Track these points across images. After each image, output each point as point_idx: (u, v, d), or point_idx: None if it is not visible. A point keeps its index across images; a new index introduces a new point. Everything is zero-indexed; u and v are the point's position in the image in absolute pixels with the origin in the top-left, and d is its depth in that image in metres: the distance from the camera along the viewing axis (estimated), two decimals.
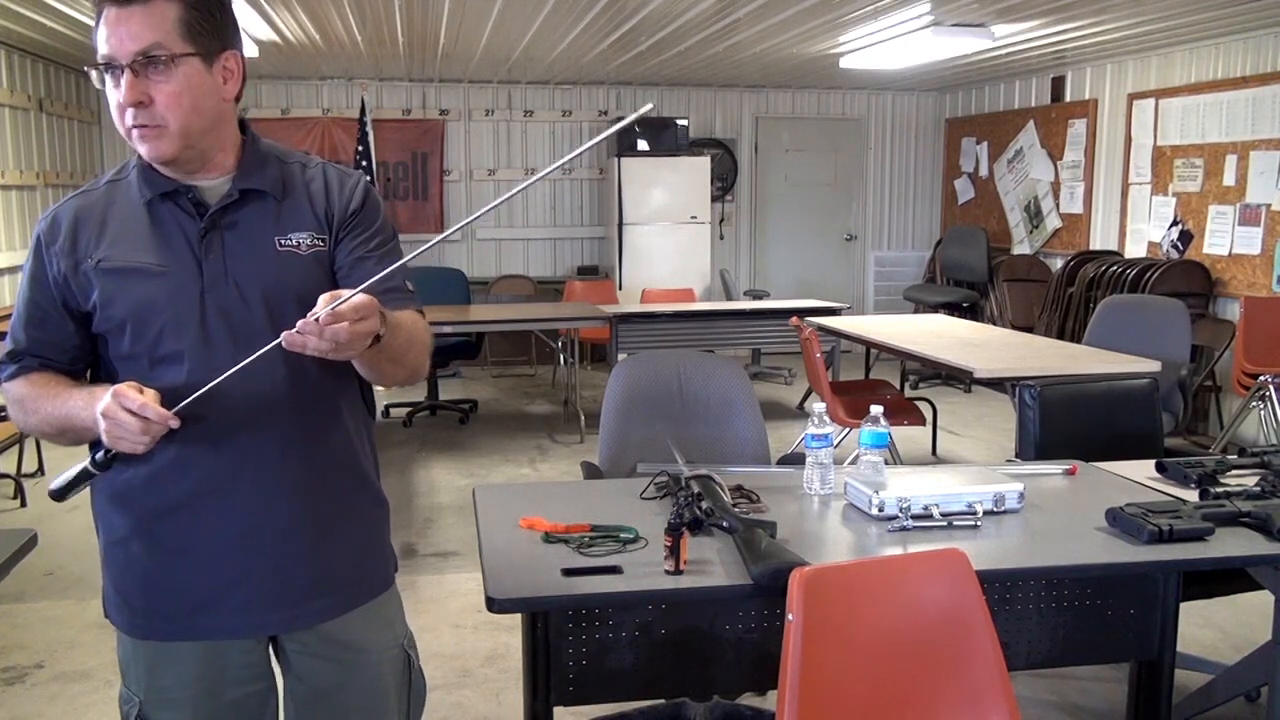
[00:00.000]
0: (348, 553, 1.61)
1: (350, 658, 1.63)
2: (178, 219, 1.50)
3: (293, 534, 1.54)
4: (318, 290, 1.49)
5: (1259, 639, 2.74)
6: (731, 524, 2.05)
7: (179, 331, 1.47)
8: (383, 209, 1.63)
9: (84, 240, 1.49)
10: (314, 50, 6.87)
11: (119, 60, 1.40)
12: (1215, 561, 2.11)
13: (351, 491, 1.62)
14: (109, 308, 1.47)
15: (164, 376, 1.46)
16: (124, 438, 1.35)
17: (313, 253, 1.54)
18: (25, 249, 6.53)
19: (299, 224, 1.54)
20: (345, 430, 1.60)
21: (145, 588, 1.54)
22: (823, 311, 6.54)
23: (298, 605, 1.56)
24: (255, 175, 1.53)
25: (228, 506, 1.50)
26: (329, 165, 1.63)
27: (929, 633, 1.79)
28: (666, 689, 2.21)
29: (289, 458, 1.52)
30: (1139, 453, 2.91)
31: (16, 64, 6.53)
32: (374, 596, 1.66)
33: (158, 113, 1.42)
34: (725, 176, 9.21)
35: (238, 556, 1.52)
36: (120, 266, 1.47)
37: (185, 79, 1.42)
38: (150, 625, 1.55)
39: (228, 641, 1.55)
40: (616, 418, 2.98)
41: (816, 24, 5.89)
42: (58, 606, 3.80)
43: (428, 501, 5.09)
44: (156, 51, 1.40)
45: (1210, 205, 6.37)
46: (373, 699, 1.66)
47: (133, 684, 1.59)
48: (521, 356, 8.76)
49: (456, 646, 3.42)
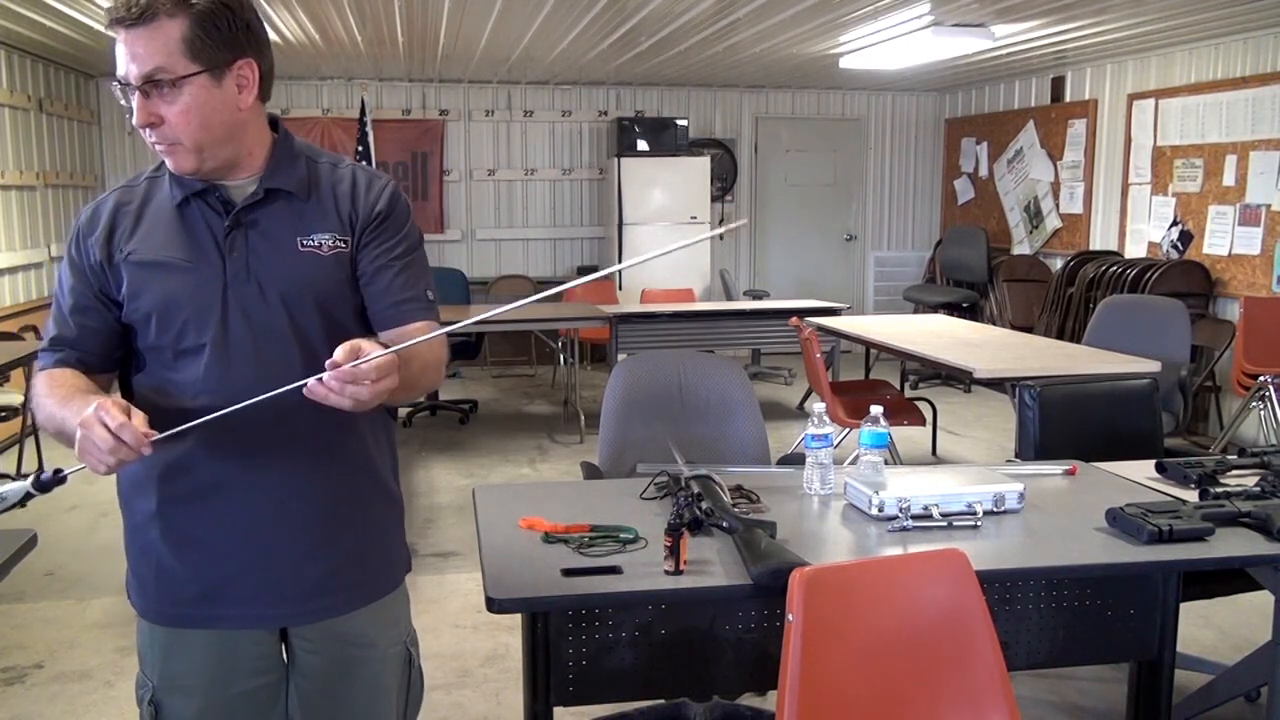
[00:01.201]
0: (358, 552, 1.63)
1: (355, 653, 1.65)
2: (205, 216, 1.53)
3: (303, 530, 1.56)
4: (337, 291, 1.55)
5: (1259, 639, 2.74)
6: (731, 524, 2.05)
7: (201, 326, 1.49)
8: (410, 215, 1.64)
9: (119, 233, 1.53)
10: (314, 50, 6.87)
11: (131, 81, 1.43)
12: (1215, 562, 2.11)
13: (365, 491, 1.64)
14: (136, 299, 1.51)
15: (185, 369, 1.50)
16: (90, 453, 1.32)
17: (334, 254, 1.55)
18: (25, 249, 6.57)
19: (322, 225, 1.55)
20: (361, 430, 1.61)
21: (159, 573, 1.57)
22: (822, 312, 6.54)
23: (305, 601, 1.58)
24: (281, 175, 1.55)
25: (240, 499, 1.53)
26: (359, 167, 1.63)
27: (929, 633, 1.78)
28: (666, 689, 2.21)
29: (303, 455, 1.55)
30: (1139, 453, 2.91)
31: (16, 64, 6.53)
32: (382, 596, 1.67)
33: (169, 131, 1.45)
34: (725, 177, 9.21)
35: (247, 548, 1.54)
36: (148, 260, 1.51)
37: (192, 98, 1.43)
38: (162, 610, 1.59)
39: (238, 632, 1.58)
40: (616, 418, 2.98)
41: (816, 24, 5.89)
42: (57, 606, 3.80)
43: (428, 501, 5.09)
44: (159, 75, 1.41)
45: (1210, 205, 6.37)
46: (374, 694, 1.67)
47: (148, 669, 1.62)
48: (521, 357, 8.77)
49: (456, 646, 3.42)
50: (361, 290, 1.57)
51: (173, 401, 1.50)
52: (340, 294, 1.56)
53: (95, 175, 7.97)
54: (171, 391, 1.51)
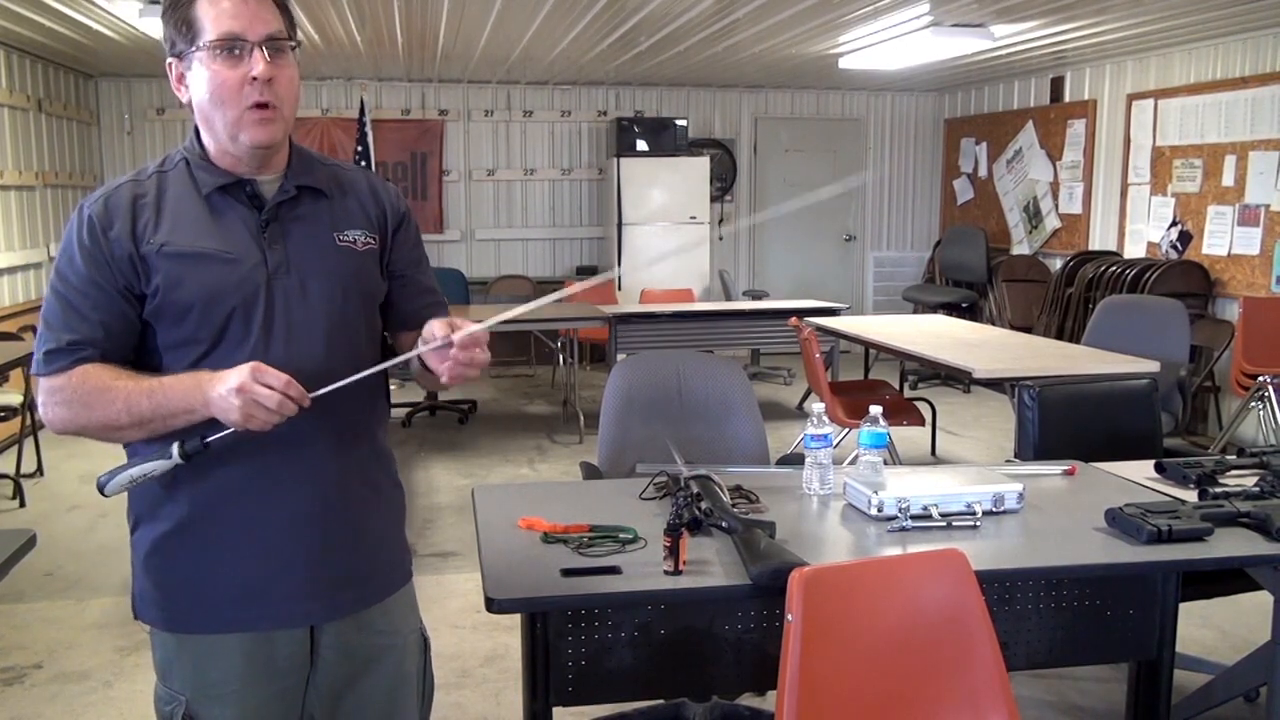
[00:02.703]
0: (383, 541, 1.66)
1: (382, 642, 1.67)
2: (237, 211, 1.53)
3: (337, 523, 1.57)
4: (372, 286, 1.62)
5: (1258, 639, 2.74)
6: (730, 524, 2.05)
7: (248, 317, 1.49)
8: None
9: (142, 223, 1.49)
10: (313, 50, 6.87)
11: (250, 38, 1.44)
12: (1214, 562, 2.11)
13: (384, 482, 1.68)
14: (174, 291, 1.46)
15: (221, 363, 1.45)
16: (257, 413, 1.37)
17: (367, 250, 1.60)
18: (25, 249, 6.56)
19: (352, 222, 1.60)
20: (376, 423, 1.66)
21: (191, 581, 1.54)
22: (822, 312, 6.54)
23: (341, 592, 1.59)
24: (307, 174, 1.58)
25: (276, 496, 1.52)
26: (364, 170, 1.72)
27: (928, 633, 1.79)
28: (666, 689, 2.21)
29: (334, 449, 1.56)
30: (1138, 453, 2.91)
31: (16, 64, 6.53)
32: (405, 584, 1.71)
33: (280, 93, 1.48)
34: (724, 177, 9.21)
35: (285, 545, 1.54)
36: (186, 251, 1.48)
37: (294, 69, 1.51)
38: (194, 618, 1.55)
39: (274, 632, 1.56)
40: (616, 418, 2.98)
41: (816, 24, 5.90)
42: (57, 607, 3.80)
43: (427, 501, 5.09)
44: (279, 38, 1.48)
45: (1209, 205, 6.37)
46: (398, 682, 1.69)
47: (176, 683, 1.57)
48: (521, 357, 8.77)
49: (456, 646, 3.42)
50: (391, 287, 1.65)
51: None
52: (376, 288, 1.63)
53: (94, 175, 7.97)
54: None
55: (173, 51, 1.49)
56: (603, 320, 6.37)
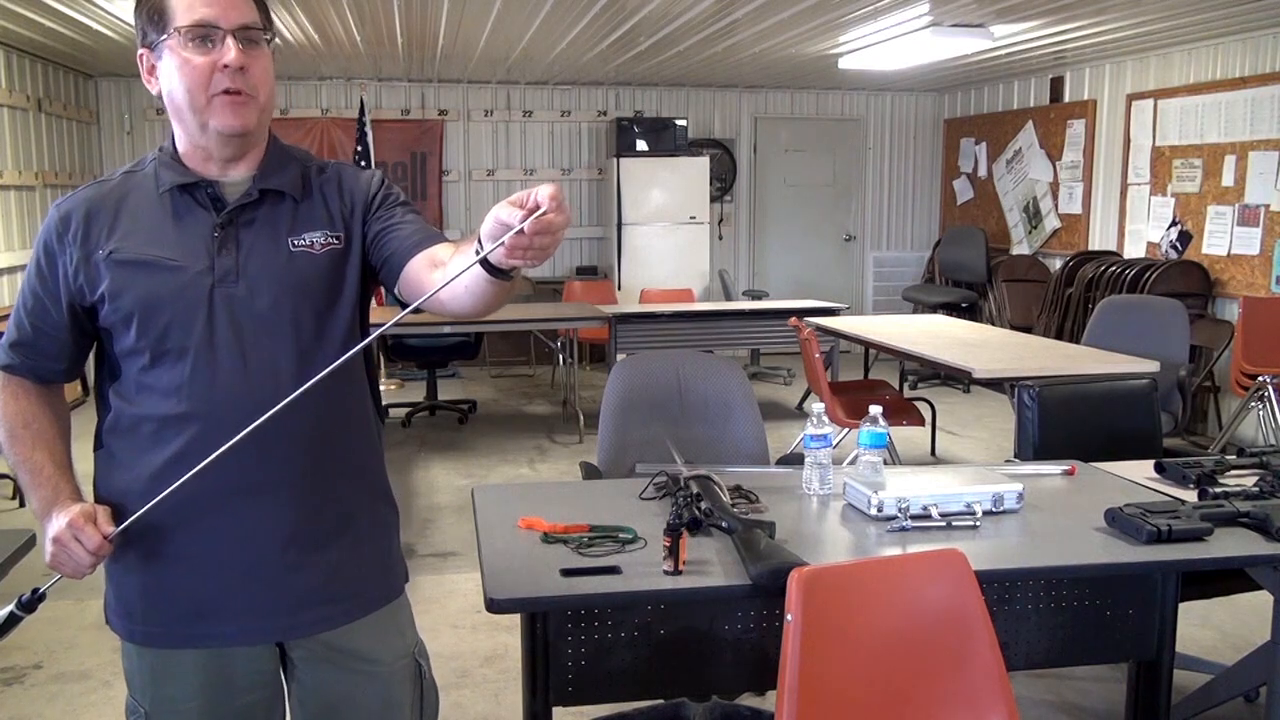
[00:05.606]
0: (354, 561, 1.57)
1: (361, 668, 1.59)
2: (193, 212, 1.49)
3: (296, 540, 1.50)
4: (329, 290, 1.52)
5: (1258, 639, 2.74)
6: (730, 524, 2.05)
7: (186, 326, 1.45)
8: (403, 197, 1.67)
9: (96, 232, 1.47)
10: (313, 50, 6.87)
11: (223, 26, 1.43)
12: (1214, 562, 2.11)
13: (359, 499, 1.59)
14: (118, 299, 1.45)
15: (166, 374, 1.45)
16: (64, 565, 1.46)
17: (327, 251, 1.53)
18: (25, 249, 6.56)
19: (313, 224, 1.53)
20: (353, 436, 1.58)
21: (146, 594, 1.52)
22: (821, 312, 6.54)
23: (300, 612, 1.52)
24: (275, 175, 1.53)
25: (230, 512, 1.47)
26: (344, 164, 1.65)
27: (928, 633, 1.78)
28: (665, 689, 2.21)
29: (294, 463, 1.49)
30: (1138, 453, 2.91)
31: (16, 64, 6.52)
32: (381, 606, 1.61)
33: (252, 82, 1.45)
34: (724, 177, 9.21)
35: (239, 562, 1.48)
36: (132, 258, 1.46)
37: (268, 60, 1.50)
38: (151, 633, 1.53)
39: (232, 649, 1.53)
40: (615, 418, 2.98)
41: (816, 24, 5.90)
42: (56, 607, 3.80)
43: (427, 502, 5.09)
44: (255, 27, 1.46)
45: (1209, 205, 6.37)
46: (386, 711, 1.63)
47: (138, 694, 1.56)
48: (520, 357, 8.77)
49: (456, 647, 3.42)
50: (381, 250, 1.54)
51: (153, 409, 1.46)
52: (334, 292, 1.53)
53: (94, 175, 7.91)
54: (152, 398, 1.46)
55: (144, 42, 1.47)
56: (602, 320, 6.36)
